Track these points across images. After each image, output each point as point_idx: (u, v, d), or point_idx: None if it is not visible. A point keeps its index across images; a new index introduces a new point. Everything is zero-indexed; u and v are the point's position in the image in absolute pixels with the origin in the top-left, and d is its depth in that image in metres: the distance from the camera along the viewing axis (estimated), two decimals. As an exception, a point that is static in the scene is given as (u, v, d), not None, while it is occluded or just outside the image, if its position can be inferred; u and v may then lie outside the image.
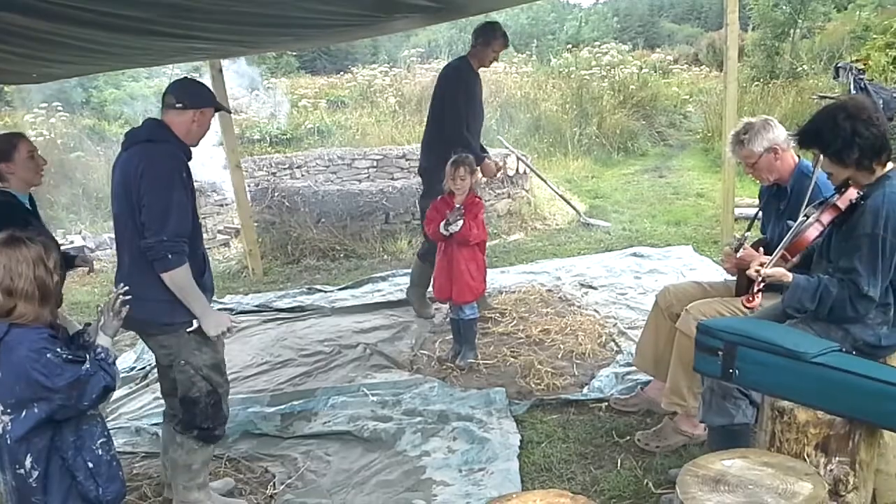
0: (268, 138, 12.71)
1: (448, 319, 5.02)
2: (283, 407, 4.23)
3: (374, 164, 10.48)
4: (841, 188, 2.82)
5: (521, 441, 3.71)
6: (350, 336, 5.31)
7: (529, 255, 7.22)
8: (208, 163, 8.86)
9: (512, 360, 4.72)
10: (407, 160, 10.46)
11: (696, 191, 9.90)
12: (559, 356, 4.73)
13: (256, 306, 6.10)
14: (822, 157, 2.81)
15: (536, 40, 21.78)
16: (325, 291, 6.39)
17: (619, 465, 3.45)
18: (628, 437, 3.68)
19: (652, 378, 3.96)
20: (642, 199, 9.69)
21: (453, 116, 5.02)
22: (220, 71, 6.49)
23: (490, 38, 5.01)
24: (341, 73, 18.46)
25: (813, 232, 2.82)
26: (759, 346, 2.44)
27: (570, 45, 20.06)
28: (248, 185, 8.10)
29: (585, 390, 4.24)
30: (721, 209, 7.01)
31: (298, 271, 7.20)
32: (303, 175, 9.95)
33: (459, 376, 4.59)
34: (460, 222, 4.41)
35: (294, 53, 20.59)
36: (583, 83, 14.34)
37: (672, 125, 15.60)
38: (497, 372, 4.61)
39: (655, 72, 17.34)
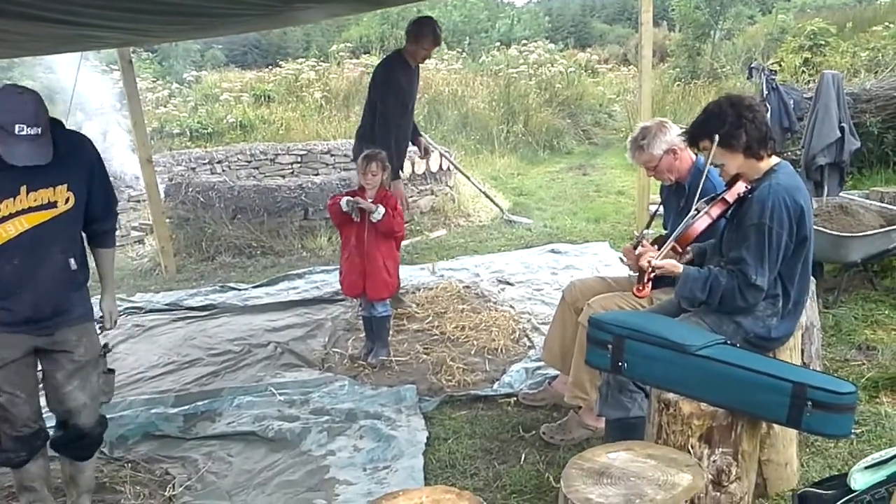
0: (188, 132, 12.39)
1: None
2: (186, 408, 4.11)
3: (299, 159, 10.34)
4: (730, 184, 2.89)
5: (427, 438, 3.69)
6: (261, 335, 5.20)
7: (450, 252, 7.20)
8: (129, 156, 8.54)
9: (425, 356, 4.69)
10: (332, 155, 10.34)
11: (617, 188, 10.06)
12: (472, 352, 4.72)
13: (167, 305, 5.92)
14: (713, 149, 2.87)
15: (469, 38, 21.85)
16: (239, 289, 6.24)
17: (522, 459, 3.46)
18: (534, 432, 3.69)
19: (559, 372, 3.99)
20: (565, 196, 9.80)
21: (369, 110, 5.11)
22: (130, 63, 6.28)
23: (418, 36, 5.01)
24: (271, 66, 18.13)
25: (702, 224, 2.89)
26: (646, 339, 2.47)
27: (500, 44, 20.19)
28: (164, 180, 7.87)
29: (495, 386, 4.24)
30: (637, 206, 7.12)
31: (213, 269, 7.02)
32: (223, 170, 9.73)
33: (371, 374, 4.54)
34: (382, 210, 4.35)
35: (220, 46, 20.17)
36: (510, 81, 14.41)
37: (597, 124, 15.81)
38: (409, 369, 4.57)
39: (584, 71, 17.55)
